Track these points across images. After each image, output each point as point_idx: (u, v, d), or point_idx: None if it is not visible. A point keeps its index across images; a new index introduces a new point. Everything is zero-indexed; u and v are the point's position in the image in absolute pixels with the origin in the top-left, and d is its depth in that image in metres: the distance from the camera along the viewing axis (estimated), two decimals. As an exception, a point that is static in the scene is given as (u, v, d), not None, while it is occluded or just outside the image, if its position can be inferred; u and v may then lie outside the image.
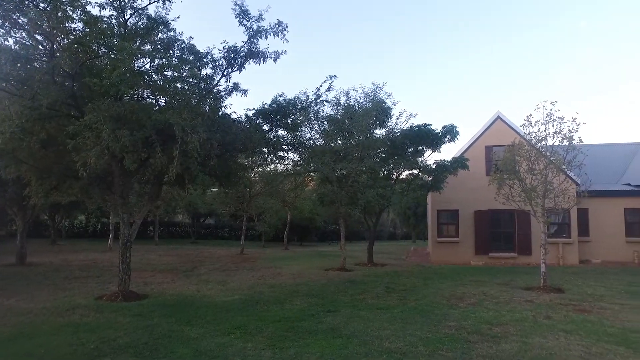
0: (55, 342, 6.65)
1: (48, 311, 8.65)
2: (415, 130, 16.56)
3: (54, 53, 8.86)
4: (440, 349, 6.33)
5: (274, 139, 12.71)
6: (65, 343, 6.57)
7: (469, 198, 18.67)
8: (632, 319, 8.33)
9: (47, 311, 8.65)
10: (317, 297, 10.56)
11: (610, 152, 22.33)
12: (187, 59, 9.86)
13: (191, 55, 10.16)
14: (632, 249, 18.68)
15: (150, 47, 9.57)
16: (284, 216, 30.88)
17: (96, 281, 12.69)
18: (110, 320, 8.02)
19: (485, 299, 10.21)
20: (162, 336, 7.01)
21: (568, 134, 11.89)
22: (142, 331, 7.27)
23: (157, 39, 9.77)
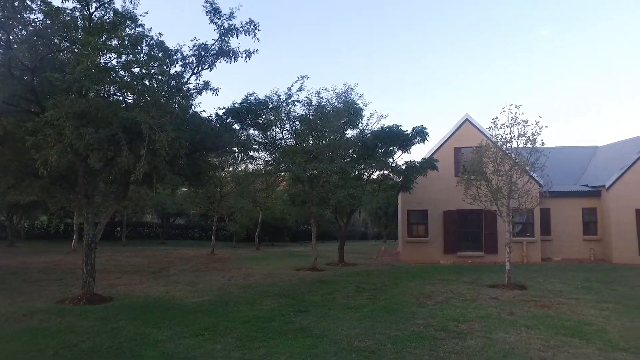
0: (12, 349, 6.37)
1: (3, 317, 8.26)
2: (386, 131, 16.75)
3: (10, 45, 8.48)
4: (409, 347, 6.45)
5: (245, 139, 12.63)
6: (22, 350, 6.31)
7: (439, 198, 19.07)
8: (587, 312, 8.76)
9: (2, 317, 8.26)
10: (288, 297, 10.55)
11: (569, 154, 23.31)
12: (156, 56, 9.63)
13: (160, 52, 9.94)
14: (588, 247, 19.56)
15: (117, 42, 9.28)
16: (255, 216, 30.65)
17: (58, 284, 12.22)
18: (72, 324, 7.73)
19: (453, 296, 10.45)
20: (128, 339, 6.83)
21: (531, 136, 12.32)
22: (107, 335, 7.05)
23: (124, 34, 9.48)
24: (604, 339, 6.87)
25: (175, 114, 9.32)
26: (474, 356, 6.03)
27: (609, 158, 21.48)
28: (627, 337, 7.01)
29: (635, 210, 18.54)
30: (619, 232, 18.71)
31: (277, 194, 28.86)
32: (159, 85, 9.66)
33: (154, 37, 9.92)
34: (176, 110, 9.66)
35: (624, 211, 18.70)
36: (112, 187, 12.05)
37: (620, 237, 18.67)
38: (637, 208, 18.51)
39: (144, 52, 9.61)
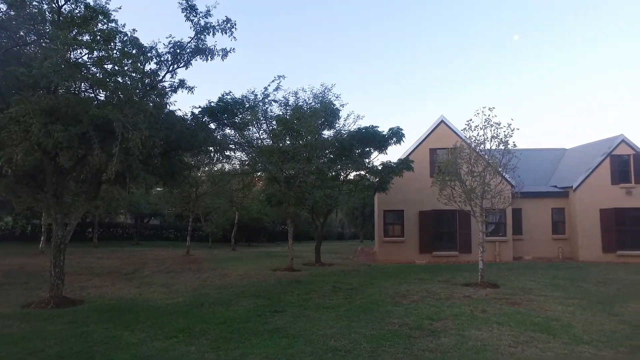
0: (-27, 355, 6.11)
1: (-36, 323, 7.92)
2: (363, 132, 16.87)
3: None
4: (384, 345, 6.52)
5: (221, 138, 12.48)
6: (-16, 356, 6.06)
7: (414, 199, 19.32)
8: (554, 308, 9.07)
9: (-37, 324, 7.92)
10: (264, 298, 10.50)
11: (540, 156, 24.01)
12: (130, 53, 9.41)
13: (134, 48, 9.71)
14: (557, 246, 20.22)
15: (88, 37, 9.01)
16: (231, 216, 30.33)
17: (23, 288, 11.78)
18: (39, 329, 7.46)
19: (428, 295, 10.62)
20: (99, 343, 6.66)
21: (504, 138, 12.65)
22: (76, 339, 6.85)
23: (96, 29, 9.22)
24: (569, 334, 7.14)
25: (149, 112, 9.12)
26: (447, 353, 6.15)
27: (576, 160, 22.24)
28: (589, 331, 7.34)
29: (599, 210, 19.26)
30: (585, 231, 19.41)
31: (254, 194, 28.66)
32: (133, 82, 9.44)
33: (127, 33, 9.69)
34: (150, 109, 9.45)
35: (589, 211, 19.41)
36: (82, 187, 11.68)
37: (585, 236, 19.37)
38: (601, 208, 19.24)
39: (117, 48, 9.37)
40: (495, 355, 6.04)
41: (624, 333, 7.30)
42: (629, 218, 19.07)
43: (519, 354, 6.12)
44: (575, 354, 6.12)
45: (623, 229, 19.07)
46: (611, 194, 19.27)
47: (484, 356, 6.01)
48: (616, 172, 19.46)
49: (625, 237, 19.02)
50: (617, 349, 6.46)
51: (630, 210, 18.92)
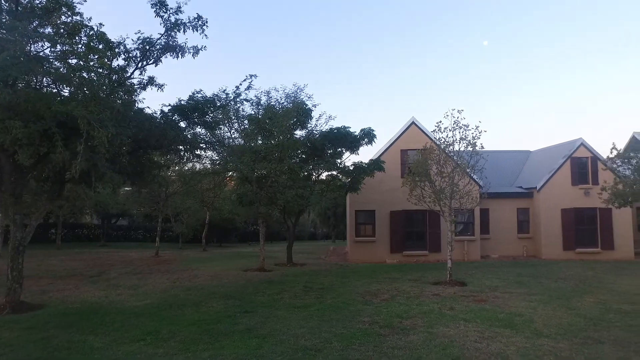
0: None
1: None
2: (335, 132, 16.94)
3: None
4: (354, 344, 6.58)
5: (191, 137, 12.27)
6: None
7: (385, 199, 19.55)
8: (518, 305, 9.40)
9: None
10: (235, 299, 10.40)
11: (506, 158, 24.79)
12: (96, 47, 9.09)
13: (101, 43, 9.39)
14: (522, 244, 20.94)
15: (51, 30, 8.65)
16: (202, 217, 29.85)
17: (-23, 292, 11.22)
18: (-6, 335, 7.14)
19: (398, 294, 10.78)
20: (60, 348, 6.42)
21: (472, 140, 12.99)
22: (34, 345, 6.58)
23: (59, 22, 8.86)
24: (530, 328, 7.44)
25: (116, 109, 8.84)
26: (416, 350, 6.27)
27: (540, 162, 23.10)
28: (549, 325, 7.67)
29: (560, 210, 20.08)
30: (547, 230, 20.18)
31: (225, 194, 28.29)
32: (99, 78, 9.15)
33: (93, 27, 9.37)
34: (118, 106, 9.17)
35: (551, 211, 20.20)
36: (44, 186, 11.22)
37: (548, 235, 20.15)
38: (562, 208, 20.06)
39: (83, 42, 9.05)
40: (462, 351, 6.20)
41: (579, 326, 7.68)
42: (586, 217, 19.99)
43: (484, 349, 6.31)
44: (535, 347, 6.37)
45: (581, 228, 19.97)
46: (571, 195, 20.12)
47: (450, 352, 6.16)
48: (576, 173, 20.33)
49: (583, 235, 19.93)
50: (572, 340, 6.79)
51: (588, 210, 19.83)
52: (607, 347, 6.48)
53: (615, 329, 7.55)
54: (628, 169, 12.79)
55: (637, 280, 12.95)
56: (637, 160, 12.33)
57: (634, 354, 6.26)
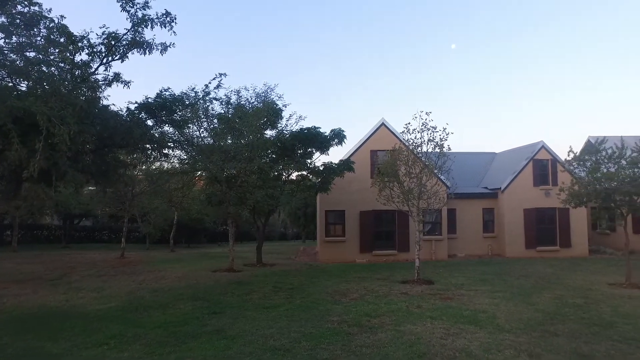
0: None
1: None
2: (305, 132, 16.93)
3: None
4: (323, 343, 6.62)
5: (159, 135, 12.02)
6: None
7: (355, 199, 19.72)
8: (482, 302, 9.71)
9: None
10: (203, 300, 10.26)
11: (472, 159, 25.49)
12: (57, 41, 8.79)
13: (62, 36, 9.08)
14: (487, 243, 21.59)
15: (5, 20, 8.27)
16: (170, 217, 29.18)
17: None
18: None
19: (367, 293, 10.91)
20: (14, 356, 6.15)
21: (439, 142, 13.29)
22: (-13, 352, 6.28)
23: (15, 11, 8.48)
24: (493, 324, 7.70)
25: (79, 105, 8.57)
26: (383, 348, 6.37)
27: (504, 163, 23.89)
28: (510, 320, 7.99)
29: (523, 210, 20.85)
30: (511, 229, 20.91)
31: (194, 193, 27.77)
32: (61, 73, 8.84)
33: (54, 19, 9.05)
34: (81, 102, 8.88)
35: (514, 211, 20.94)
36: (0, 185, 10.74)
37: (511, 234, 20.88)
38: (524, 208, 20.83)
39: (42, 35, 8.71)
40: (428, 348, 6.35)
41: (538, 320, 8.03)
42: (546, 217, 20.85)
43: (449, 345, 6.49)
44: (497, 342, 6.61)
45: (542, 227, 20.81)
46: (533, 195, 20.92)
47: (417, 349, 6.30)
48: (537, 175, 21.16)
49: (544, 234, 20.77)
50: (531, 334, 7.11)
51: (548, 210, 20.68)
52: (561, 339, 6.82)
53: (570, 321, 7.96)
54: (583, 171, 13.39)
55: (590, 276, 13.63)
56: (591, 162, 12.92)
57: (584, 344, 6.63)
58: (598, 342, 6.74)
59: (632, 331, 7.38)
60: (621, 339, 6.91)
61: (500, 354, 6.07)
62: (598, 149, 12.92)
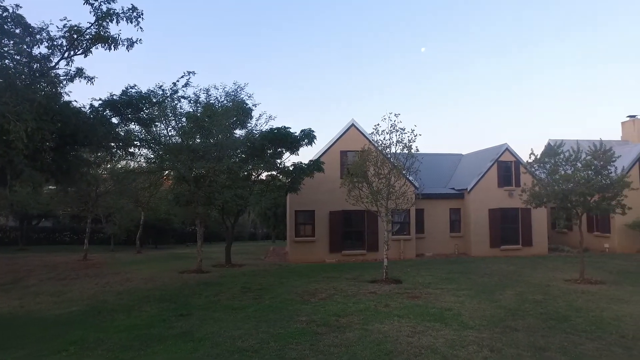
0: None
1: None
2: (275, 132, 16.85)
3: None
4: (291, 343, 6.63)
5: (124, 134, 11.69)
6: None
7: (325, 199, 19.79)
8: (448, 299, 9.96)
9: None
10: (170, 302, 10.06)
11: (440, 160, 26.09)
12: (12, 32, 8.39)
13: (18, 27, 8.67)
14: (453, 243, 22.14)
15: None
16: (137, 217, 28.41)
17: None
18: None
19: (335, 293, 10.98)
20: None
21: (408, 143, 13.53)
22: None
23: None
24: (458, 321, 7.93)
25: (37, 101, 8.21)
26: (351, 347, 6.44)
27: (470, 165, 24.55)
28: (474, 317, 8.25)
29: (488, 210, 21.51)
30: (476, 229, 21.53)
31: (161, 193, 27.15)
32: (17, 66, 8.46)
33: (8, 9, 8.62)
34: (40, 98, 8.52)
35: (480, 211, 21.57)
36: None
37: (477, 233, 21.49)
38: (489, 208, 21.50)
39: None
40: (395, 346, 6.46)
41: (500, 316, 8.33)
42: (510, 217, 21.59)
43: (415, 342, 6.63)
44: (461, 338, 6.81)
45: (506, 226, 21.54)
46: (497, 196, 21.61)
47: (384, 347, 6.40)
48: (501, 176, 21.87)
49: (507, 233, 21.50)
50: (493, 330, 7.37)
51: (511, 210, 21.42)
52: (520, 334, 7.11)
53: (529, 317, 8.31)
54: (543, 172, 13.96)
55: (549, 273, 14.22)
56: (550, 165, 13.49)
57: (541, 337, 6.96)
58: (553, 335, 7.08)
59: (583, 324, 7.80)
60: (574, 332, 7.30)
61: (464, 350, 6.25)
62: (557, 152, 13.50)
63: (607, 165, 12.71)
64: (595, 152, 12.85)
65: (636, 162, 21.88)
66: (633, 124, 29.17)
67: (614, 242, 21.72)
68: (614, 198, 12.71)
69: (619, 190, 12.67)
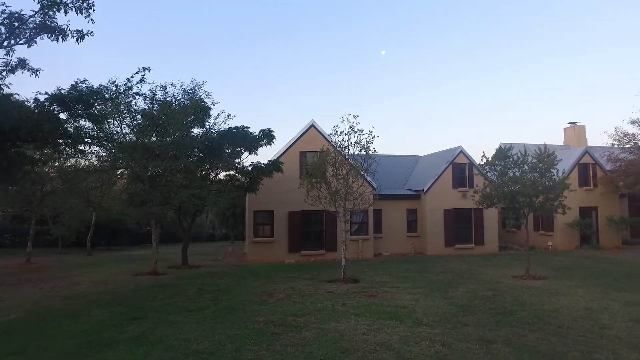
0: None
1: None
2: (234, 131, 16.60)
3: None
4: (248, 344, 6.59)
5: (74, 130, 11.14)
6: None
7: (284, 199, 19.75)
8: (403, 297, 10.23)
9: None
10: (122, 305, 9.70)
11: (398, 162, 26.71)
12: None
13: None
14: (410, 242, 22.73)
15: None
16: (88, 217, 27.11)
17: None
18: None
19: (293, 293, 10.99)
20: None
21: (366, 144, 13.75)
22: None
23: None
24: (412, 318, 8.17)
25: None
26: (308, 346, 6.49)
27: (427, 166, 25.30)
28: (428, 314, 8.53)
29: (443, 211, 22.25)
30: (432, 229, 22.20)
31: (115, 193, 26.07)
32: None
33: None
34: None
35: (436, 211, 22.27)
36: None
37: (432, 233, 22.17)
38: (444, 209, 22.25)
39: None
40: (351, 344, 6.57)
41: (452, 313, 8.66)
42: (463, 217, 22.44)
43: (371, 340, 6.77)
44: (415, 335, 7.03)
45: (460, 226, 22.37)
46: (452, 197, 22.39)
47: (340, 345, 6.49)
48: (456, 178, 22.68)
49: (461, 233, 22.34)
50: (445, 325, 7.66)
51: (465, 210, 22.28)
52: (470, 329, 7.43)
53: (479, 312, 8.69)
54: (494, 174, 14.63)
55: (498, 270, 14.92)
56: (500, 167, 14.17)
57: (489, 331, 7.32)
58: (500, 328, 7.46)
59: (527, 317, 8.27)
60: (518, 324, 7.73)
61: (417, 346, 6.45)
62: (506, 155, 14.20)
63: (550, 168, 13.52)
64: (540, 156, 13.63)
65: (576, 165, 23.41)
66: (574, 130, 31.24)
67: (556, 240, 23.09)
68: (556, 199, 13.53)
69: (560, 192, 13.51)
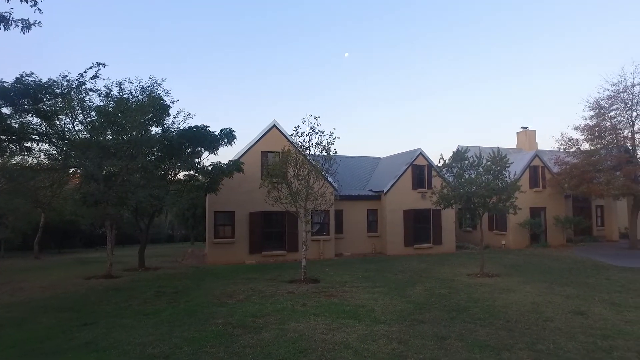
0: None
1: None
2: (194, 131, 16.26)
3: None
4: (205, 346, 6.49)
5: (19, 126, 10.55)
6: None
7: (245, 200, 19.55)
8: (362, 297, 10.39)
9: None
10: (72, 311, 9.29)
11: (359, 163, 27.08)
12: None
13: None
14: (371, 242, 23.08)
15: None
16: (36, 219, 25.72)
17: None
18: None
19: (253, 294, 10.92)
20: None
21: (327, 145, 13.86)
22: None
23: None
24: (371, 317, 8.32)
25: None
26: (267, 347, 6.47)
27: (387, 168, 25.77)
28: (386, 313, 8.71)
29: (403, 211, 22.75)
30: (392, 229, 22.64)
31: (67, 192, 24.87)
32: None
33: None
34: None
35: (396, 212, 22.73)
36: None
37: (392, 233, 22.60)
38: (404, 209, 22.75)
39: None
40: (310, 344, 6.61)
41: (409, 311, 8.89)
42: (422, 217, 23.04)
43: (330, 339, 6.84)
44: (373, 333, 7.16)
45: (419, 226, 22.94)
46: (411, 198, 22.93)
47: (299, 345, 6.52)
48: (415, 179, 23.24)
49: (420, 233, 22.91)
50: (402, 323, 7.85)
51: (424, 211, 22.87)
52: (426, 326, 7.66)
53: (435, 309, 8.97)
54: (451, 176, 15.15)
55: (455, 269, 15.45)
56: (457, 169, 14.69)
57: (444, 327, 7.57)
58: (454, 325, 7.74)
59: (480, 313, 8.63)
60: (471, 320, 8.04)
61: (375, 344, 6.58)
62: (463, 157, 14.73)
63: (503, 170, 14.15)
64: (493, 159, 14.24)
65: (527, 168, 24.61)
66: (525, 134, 32.85)
67: (509, 239, 24.18)
68: (508, 200, 14.18)
69: (512, 193, 14.17)
